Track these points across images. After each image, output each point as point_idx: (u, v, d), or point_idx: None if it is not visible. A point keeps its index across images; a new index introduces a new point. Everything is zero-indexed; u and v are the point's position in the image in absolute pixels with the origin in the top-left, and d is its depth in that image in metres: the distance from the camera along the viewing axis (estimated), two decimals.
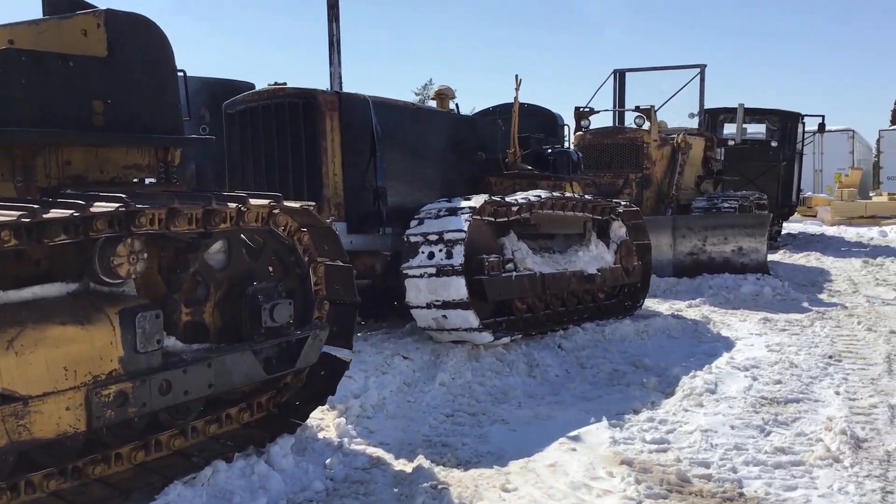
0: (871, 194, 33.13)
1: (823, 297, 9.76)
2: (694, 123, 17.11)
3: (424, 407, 5.11)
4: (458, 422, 4.92)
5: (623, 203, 7.86)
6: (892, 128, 38.77)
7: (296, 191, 5.82)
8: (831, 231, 22.23)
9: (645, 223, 8.09)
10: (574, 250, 7.22)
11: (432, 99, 7.48)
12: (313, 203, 4.25)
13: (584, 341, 6.74)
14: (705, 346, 6.99)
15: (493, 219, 6.18)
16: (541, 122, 8.58)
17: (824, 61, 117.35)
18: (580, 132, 11.08)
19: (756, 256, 9.85)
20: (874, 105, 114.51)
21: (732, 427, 4.79)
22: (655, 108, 10.75)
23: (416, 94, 76.65)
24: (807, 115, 17.67)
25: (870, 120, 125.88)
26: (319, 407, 4.58)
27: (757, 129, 18.52)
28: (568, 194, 7.19)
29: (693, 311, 8.59)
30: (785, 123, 17.14)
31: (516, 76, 7.64)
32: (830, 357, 6.51)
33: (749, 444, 4.51)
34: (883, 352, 6.67)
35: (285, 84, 6.04)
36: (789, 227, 23.19)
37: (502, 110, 8.45)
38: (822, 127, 17.39)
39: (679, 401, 5.28)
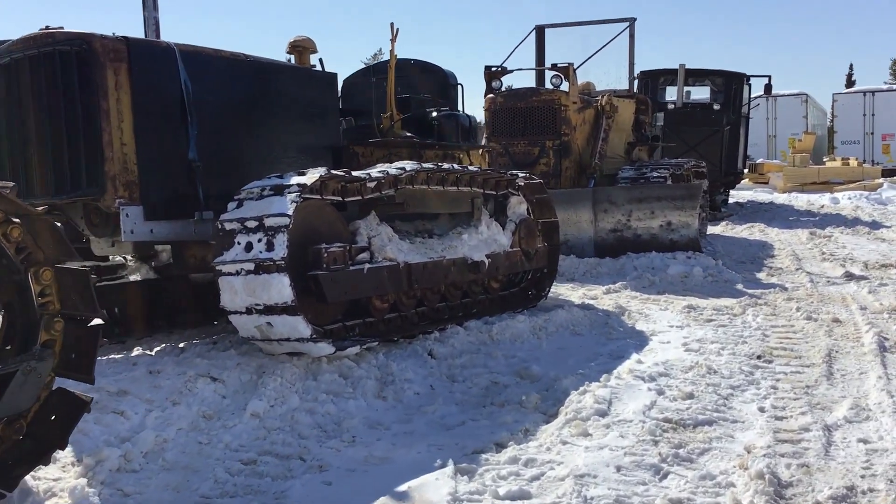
0: (824, 159, 32.36)
1: (762, 276, 8.67)
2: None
3: (220, 450, 3.87)
4: (260, 471, 3.69)
5: (522, 174, 6.64)
6: (846, 91, 38.03)
7: (70, 168, 4.51)
8: (782, 198, 21.34)
9: (550, 197, 6.89)
10: (458, 233, 5.99)
11: (288, 53, 6.16)
12: (12, 184, 2.99)
13: (464, 345, 5.53)
14: (613, 345, 5.83)
15: (339, 198, 4.92)
16: (431, 81, 7.32)
17: (778, 25, 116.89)
18: (491, 95, 9.80)
19: (687, 232, 8.73)
20: (829, 70, 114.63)
21: (619, 468, 3.62)
22: (575, 66, 9.51)
23: (365, 64, 74.82)
24: (753, 76, 16.59)
25: (826, 84, 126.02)
26: (52, 465, 3.34)
27: (704, 94, 17.41)
28: (454, 165, 5.94)
29: (610, 298, 7.43)
30: (729, 85, 16.03)
31: (391, 24, 6.35)
32: (759, 357, 5.38)
33: (636, 495, 3.35)
34: (823, 347, 5.56)
35: (61, 28, 4.68)
36: (738, 195, 22.27)
37: (379, 68, 7.16)
38: (768, 88, 16.30)
39: (559, 428, 4.10)
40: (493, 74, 9.85)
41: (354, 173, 4.99)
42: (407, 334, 5.33)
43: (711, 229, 13.20)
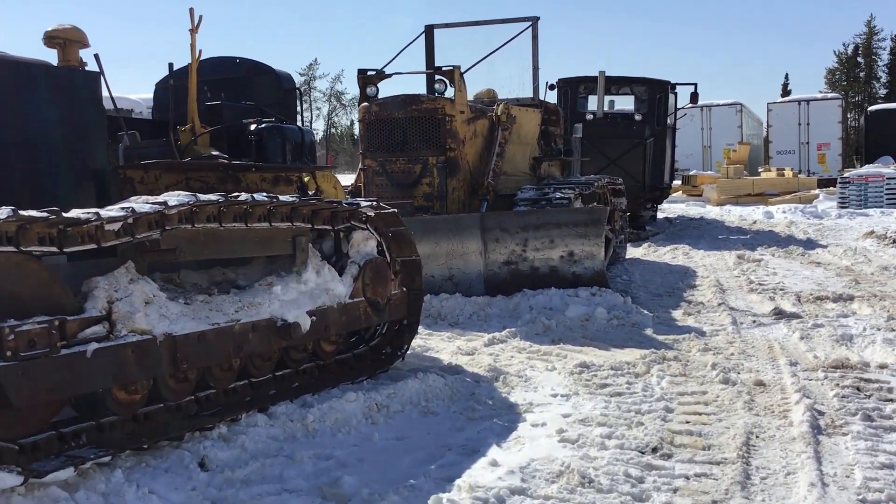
0: (759, 170, 31.72)
1: (678, 315, 7.38)
2: (553, 97, 14.69)
3: None
4: None
5: (368, 202, 5.21)
6: (780, 100, 37.60)
7: None
8: (714, 212, 20.37)
9: (409, 231, 5.47)
10: (267, 285, 4.52)
11: (47, 46, 4.66)
12: None
13: (259, 444, 4.05)
14: (471, 430, 4.42)
15: (54, 248, 3.41)
16: (260, 86, 5.89)
17: (712, 33, 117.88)
18: (365, 103, 8.35)
19: (591, 264, 7.40)
20: (765, 79, 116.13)
21: None
22: (463, 70, 8.15)
23: (302, 76, 72.74)
24: (679, 84, 15.47)
25: (761, 94, 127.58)
26: None
27: (630, 103, 16.24)
28: (263, 195, 4.46)
29: (490, 352, 6.03)
30: (653, 94, 14.88)
31: (191, 10, 4.88)
32: (655, 450, 4.02)
33: None
34: (740, 429, 4.25)
35: None
36: (670, 208, 21.26)
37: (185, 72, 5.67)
38: (694, 97, 15.21)
39: None
40: (367, 79, 8.39)
41: (79, 212, 3.49)
42: (174, 436, 3.83)
43: (632, 252, 11.96)
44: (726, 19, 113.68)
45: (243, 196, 4.28)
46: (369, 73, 8.41)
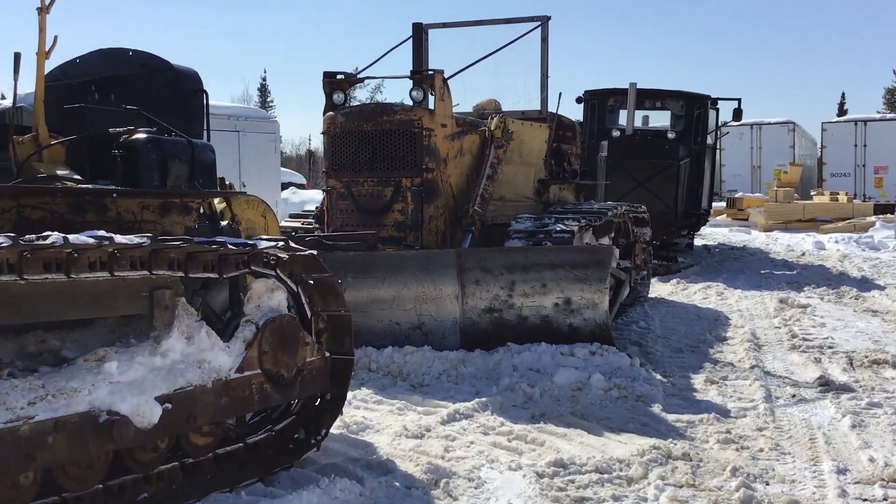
0: (812, 193, 29.83)
1: (697, 382, 5.95)
2: (579, 112, 13.33)
3: None
4: None
5: (272, 241, 3.92)
6: (836, 120, 35.59)
7: None
8: (759, 240, 18.72)
9: (334, 279, 4.17)
10: (95, 360, 3.25)
11: None
12: None
13: None
14: None
15: None
16: (156, 85, 4.65)
17: (766, 51, 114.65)
18: (330, 112, 7.03)
19: (592, 315, 6.01)
20: (820, 98, 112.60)
21: None
22: (449, 74, 6.79)
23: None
24: (720, 99, 13.96)
25: (816, 114, 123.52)
26: None
27: (666, 120, 14.74)
28: (113, 237, 3.20)
29: (445, 433, 4.69)
30: (691, 109, 13.40)
31: None
32: None
33: None
34: None
35: None
36: (712, 233, 19.68)
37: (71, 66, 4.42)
38: (737, 113, 13.68)
39: None
40: (334, 83, 7.07)
41: None
42: None
43: (659, 288, 10.51)
44: (779, 35, 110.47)
45: (53, 237, 3.01)
46: (338, 76, 7.13)
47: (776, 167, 32.73)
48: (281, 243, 4.01)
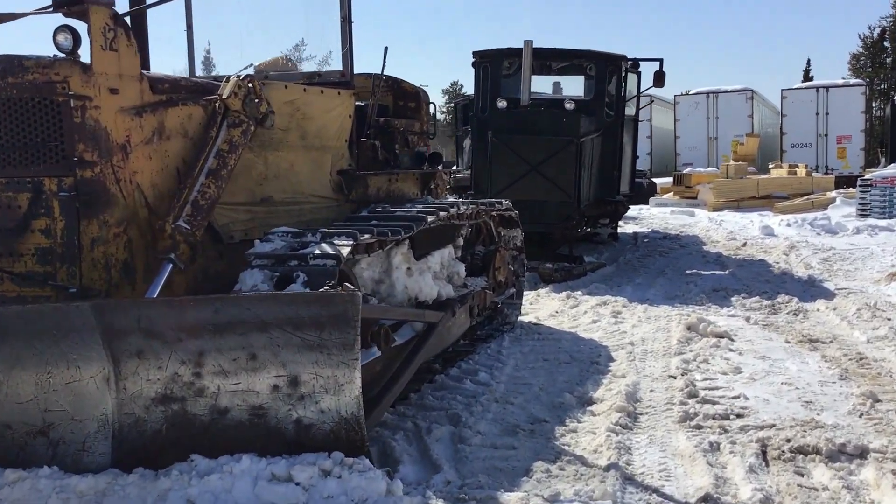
0: (770, 166, 27.71)
1: None
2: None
3: None
4: None
5: None
6: (796, 86, 33.33)
7: None
8: (701, 224, 16.46)
9: None
10: None
11: None
12: None
13: None
14: None
15: None
16: None
17: (721, 13, 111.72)
18: None
19: (334, 404, 3.60)
20: (785, 65, 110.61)
21: None
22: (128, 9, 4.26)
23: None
24: (640, 60, 11.50)
25: (781, 81, 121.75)
26: None
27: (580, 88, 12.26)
28: None
29: None
30: (602, 73, 10.95)
31: None
32: None
33: None
34: None
35: None
36: (649, 218, 17.41)
37: None
38: (659, 77, 11.22)
39: None
40: None
41: None
42: None
43: (541, 307, 8.14)
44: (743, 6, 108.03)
45: None
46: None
47: (733, 138, 30.51)
48: None
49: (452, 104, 33.57)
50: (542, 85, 12.53)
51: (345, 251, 4.39)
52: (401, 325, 5.01)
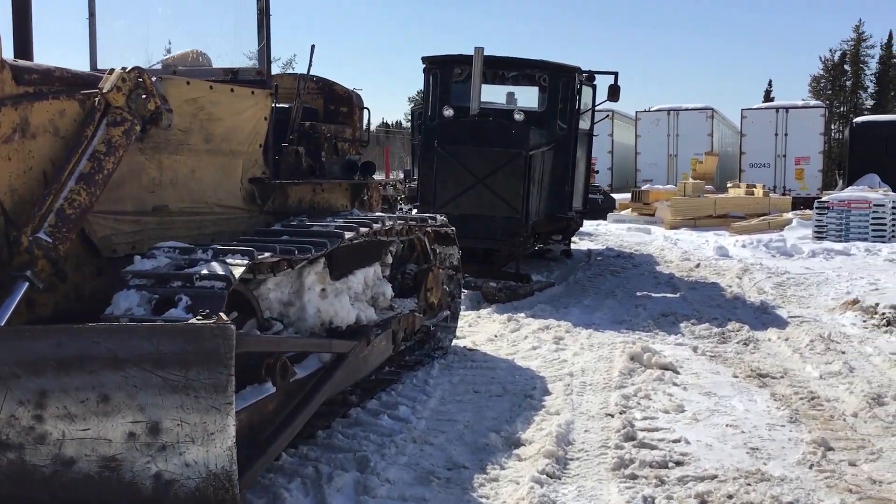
0: (728, 185, 27.59)
1: None
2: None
3: None
4: None
5: None
6: (756, 106, 33.34)
7: None
8: (657, 243, 16.11)
9: None
10: None
11: None
12: None
13: None
14: None
15: None
16: None
17: (690, 35, 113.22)
18: None
19: (201, 456, 3.06)
20: (748, 86, 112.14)
21: None
22: None
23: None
24: (594, 73, 11.10)
25: (743, 101, 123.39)
26: None
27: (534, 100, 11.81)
28: None
29: None
30: (556, 84, 10.53)
31: None
32: None
33: None
34: None
35: None
36: (605, 235, 17.04)
37: None
38: (613, 91, 10.84)
39: None
40: None
41: None
42: None
43: (480, 329, 7.64)
44: (705, 19, 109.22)
45: None
46: None
47: (693, 156, 30.42)
48: None
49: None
50: (496, 95, 12.06)
51: (237, 271, 3.84)
52: (306, 356, 4.45)
